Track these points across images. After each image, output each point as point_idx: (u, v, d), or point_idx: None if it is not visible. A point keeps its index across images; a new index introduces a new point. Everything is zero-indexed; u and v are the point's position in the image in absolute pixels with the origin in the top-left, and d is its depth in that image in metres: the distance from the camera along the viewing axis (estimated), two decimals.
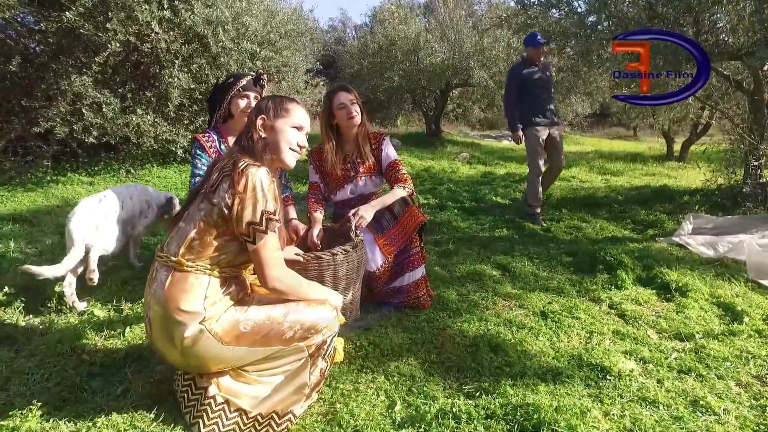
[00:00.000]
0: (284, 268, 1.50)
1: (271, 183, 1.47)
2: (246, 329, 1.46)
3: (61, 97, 4.30)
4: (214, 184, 1.47)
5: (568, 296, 2.80)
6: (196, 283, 1.42)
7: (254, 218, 1.42)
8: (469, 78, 10.66)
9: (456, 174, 7.71)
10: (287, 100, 1.65)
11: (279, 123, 1.60)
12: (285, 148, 1.60)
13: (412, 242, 2.47)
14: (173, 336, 1.40)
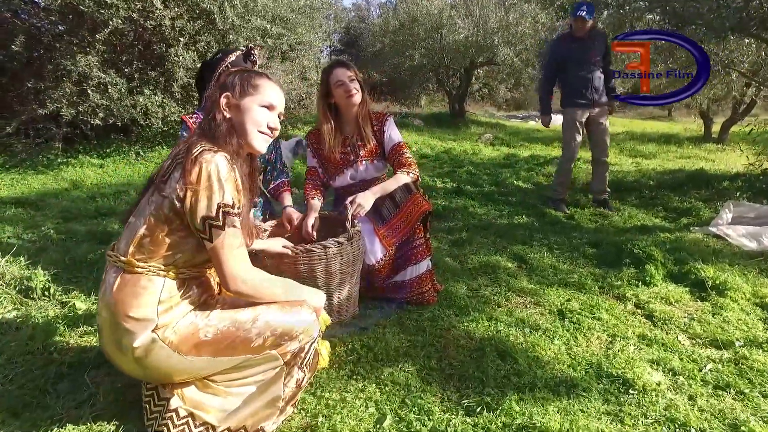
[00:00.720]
0: (249, 268, 1.32)
1: (230, 171, 1.27)
2: (207, 337, 1.29)
3: (67, 78, 4.20)
4: (166, 174, 1.29)
5: (590, 293, 2.55)
6: (148, 286, 1.25)
7: (209, 212, 1.23)
8: (494, 56, 10.21)
9: (477, 156, 7.41)
10: (256, 75, 1.44)
11: (246, 101, 1.40)
12: (252, 130, 1.40)
13: (415, 233, 2.26)
14: (122, 345, 1.23)
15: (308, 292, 1.53)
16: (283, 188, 2.40)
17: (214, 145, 1.31)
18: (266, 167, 2.41)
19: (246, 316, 1.33)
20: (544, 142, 8.93)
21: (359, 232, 2.08)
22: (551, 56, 4.17)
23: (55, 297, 2.22)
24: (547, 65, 4.25)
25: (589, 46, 3.98)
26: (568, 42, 4.06)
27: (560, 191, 4.31)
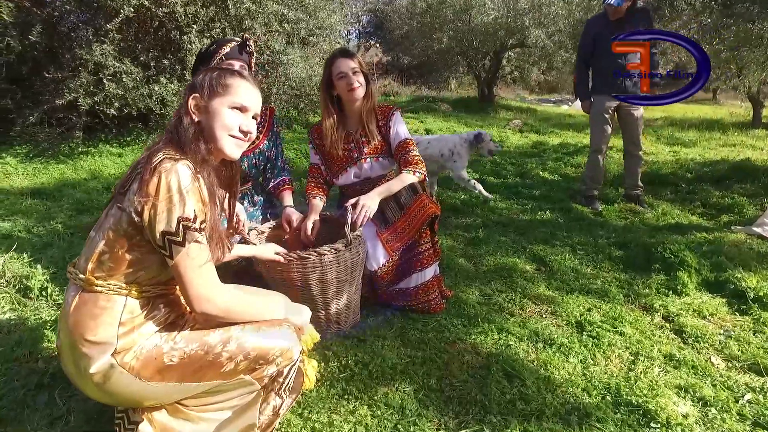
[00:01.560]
0: (216, 287, 1.20)
1: (193, 181, 1.15)
2: (172, 361, 1.18)
3: (83, 68, 4.18)
4: (125, 184, 1.17)
5: (614, 302, 2.35)
6: (107, 306, 1.15)
7: (169, 227, 1.11)
8: (525, 38, 9.75)
9: (504, 143, 7.12)
10: (228, 73, 1.31)
11: (215, 103, 1.26)
12: (222, 135, 1.27)
13: (421, 237, 2.10)
14: (81, 369, 1.14)
15: (291, 308, 1.41)
16: (284, 186, 2.28)
17: (179, 152, 1.19)
18: (266, 165, 2.29)
19: (216, 338, 1.22)
20: (575, 129, 8.53)
21: (360, 237, 1.94)
22: (584, 37, 3.86)
23: (52, 298, 2.18)
24: (580, 46, 3.95)
25: (629, 28, 3.60)
26: (603, 22, 3.72)
27: (590, 186, 4.03)
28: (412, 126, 8.08)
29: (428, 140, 3.94)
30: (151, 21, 4.39)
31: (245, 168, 2.20)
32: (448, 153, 3.80)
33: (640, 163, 3.99)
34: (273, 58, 5.18)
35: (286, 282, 1.84)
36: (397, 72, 18.13)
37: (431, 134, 7.37)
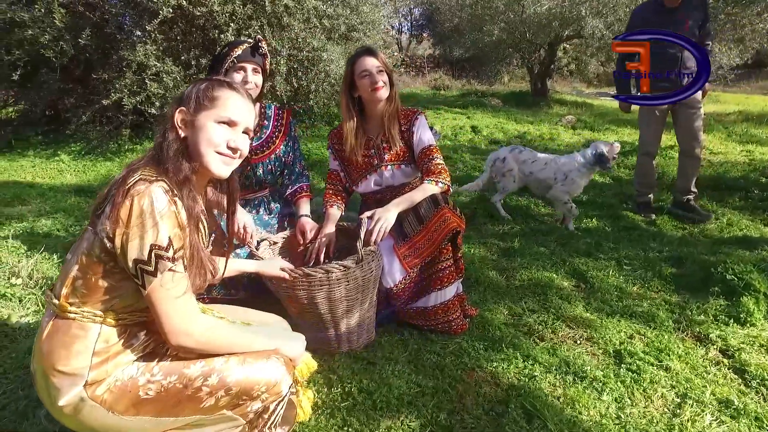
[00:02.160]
0: (194, 319, 1.11)
1: (169, 204, 1.06)
2: (148, 395, 1.10)
3: (127, 68, 4.29)
4: (100, 206, 1.10)
5: (661, 328, 2.09)
6: (80, 334, 1.09)
7: (141, 255, 1.03)
8: (582, 29, 9.20)
9: (554, 141, 6.73)
10: (217, 84, 1.21)
11: (201, 117, 1.17)
12: (207, 152, 1.17)
13: (441, 254, 1.94)
14: (52, 399, 1.09)
15: (282, 337, 1.31)
16: (302, 194, 2.19)
17: (157, 171, 1.11)
18: (283, 170, 2.21)
19: (197, 370, 1.14)
20: (634, 125, 7.92)
21: (374, 252, 1.81)
22: (631, 26, 3.45)
23: None
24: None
25: (683, 17, 3.22)
26: (654, 9, 3.32)
27: (642, 192, 3.67)
28: (458, 122, 7.83)
29: (545, 160, 3.41)
30: (192, 21, 4.44)
31: (260, 174, 2.12)
32: (562, 177, 3.30)
33: (697, 167, 3.56)
34: (312, 55, 5.12)
35: (291, 300, 1.75)
36: (447, 65, 17.78)
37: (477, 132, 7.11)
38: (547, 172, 3.36)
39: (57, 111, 5.41)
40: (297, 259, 2.08)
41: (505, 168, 3.47)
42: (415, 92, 13.16)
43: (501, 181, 3.52)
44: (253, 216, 2.16)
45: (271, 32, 4.63)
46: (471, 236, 3.16)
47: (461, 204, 3.79)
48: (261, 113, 2.15)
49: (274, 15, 4.58)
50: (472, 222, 3.44)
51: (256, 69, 1.96)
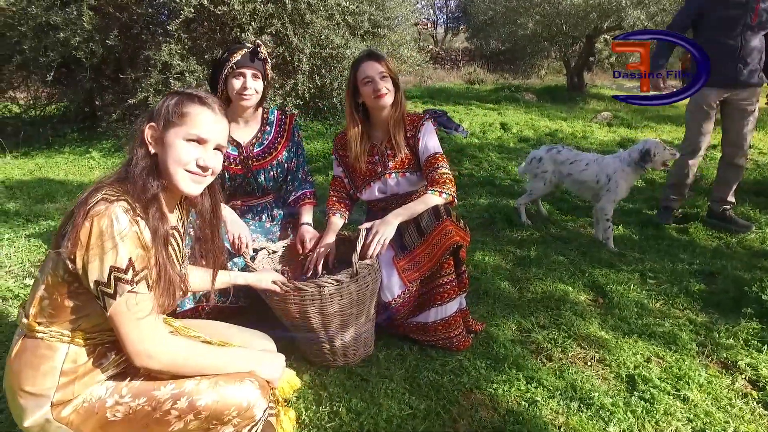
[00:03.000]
0: (159, 341, 1.08)
1: (131, 224, 1.03)
2: (116, 417, 1.09)
3: (152, 67, 4.37)
4: (64, 225, 1.08)
5: (682, 352, 1.94)
6: (47, 354, 1.08)
7: (101, 277, 1.01)
8: (622, 20, 8.78)
9: (587, 140, 6.47)
10: (187, 99, 1.16)
11: (170, 134, 1.14)
12: (177, 171, 1.14)
13: (442, 268, 1.85)
14: (20, 420, 1.09)
15: (257, 359, 1.26)
16: (305, 201, 2.14)
17: (122, 190, 1.08)
18: (287, 176, 2.17)
19: (166, 393, 1.11)
20: (675, 122, 7.55)
21: (371, 265, 1.75)
22: (687, 9, 3.06)
23: None
24: (677, 21, 3.11)
25: (749, 2, 2.86)
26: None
27: (671, 196, 3.38)
28: (488, 119, 7.64)
29: (586, 161, 3.14)
30: (214, 20, 4.47)
31: (262, 181, 2.09)
32: (605, 179, 3.01)
33: (739, 176, 3.25)
34: (336, 52, 5.07)
35: (283, 313, 1.71)
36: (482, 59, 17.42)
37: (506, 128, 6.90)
38: (589, 173, 3.09)
39: (93, 108, 5.58)
40: (298, 267, 2.04)
41: (539, 169, 3.28)
42: (447, 87, 12.95)
43: (531, 183, 3.36)
44: (255, 223, 2.13)
45: (293, 30, 4.60)
46: (487, 242, 3.05)
47: (479, 207, 3.67)
48: (263, 118, 2.12)
49: (297, 12, 4.55)
50: (489, 228, 3.32)
51: (255, 75, 1.92)
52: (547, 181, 3.26)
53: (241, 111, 2.01)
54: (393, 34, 6.06)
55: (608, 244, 2.98)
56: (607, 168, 3.03)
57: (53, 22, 4.27)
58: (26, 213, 3.44)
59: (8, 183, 4.24)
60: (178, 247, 1.25)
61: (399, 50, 6.45)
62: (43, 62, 4.62)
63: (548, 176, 3.25)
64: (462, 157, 5.21)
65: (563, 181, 3.25)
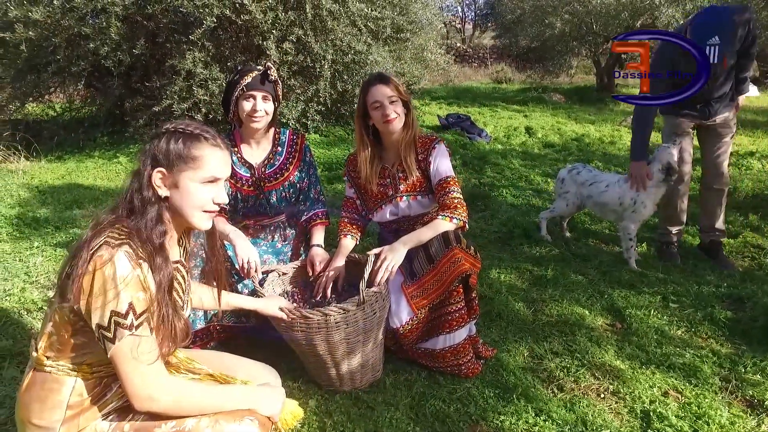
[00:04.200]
0: (159, 383, 1.10)
1: (133, 269, 1.05)
2: None
3: (177, 75, 4.46)
4: (66, 266, 1.10)
5: (704, 387, 1.86)
6: (54, 388, 1.11)
7: (101, 321, 1.03)
8: (655, 19, 8.50)
9: (614, 145, 6.30)
10: (194, 140, 1.17)
11: (184, 179, 1.16)
12: (194, 214, 1.19)
13: (451, 296, 1.83)
14: None
15: (257, 396, 1.26)
16: (316, 221, 2.14)
17: (125, 231, 1.10)
18: (298, 196, 2.18)
19: (167, 429, 1.12)
20: None
21: (379, 293, 1.74)
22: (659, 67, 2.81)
23: None
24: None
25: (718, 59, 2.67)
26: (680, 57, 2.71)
27: (666, 230, 3.08)
28: (513, 122, 7.52)
29: (606, 182, 3.02)
30: (237, 29, 4.53)
31: (274, 201, 2.10)
32: (630, 201, 2.89)
33: (722, 200, 2.98)
34: (358, 58, 5.07)
35: (290, 340, 1.72)
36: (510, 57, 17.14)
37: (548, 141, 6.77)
38: (610, 195, 2.97)
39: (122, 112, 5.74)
40: (308, 288, 2.05)
41: (562, 189, 3.25)
42: (473, 86, 12.82)
43: (555, 201, 3.32)
44: (267, 243, 2.15)
45: (315, 37, 4.62)
46: (504, 259, 3.00)
47: (498, 220, 3.61)
48: (275, 139, 2.13)
49: (318, 19, 4.56)
50: (507, 243, 3.26)
51: (266, 97, 1.93)
52: (570, 202, 3.19)
53: (252, 132, 2.02)
54: (417, 38, 6.01)
55: (630, 263, 2.89)
56: (633, 191, 2.89)
57: (84, 32, 4.40)
58: (55, 220, 3.56)
59: (41, 188, 4.40)
60: (183, 281, 1.26)
61: (423, 54, 6.40)
62: (75, 71, 4.77)
63: (570, 197, 3.18)
64: (484, 165, 5.14)
65: (585, 202, 3.16)
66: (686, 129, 2.92)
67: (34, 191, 4.29)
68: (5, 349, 2.01)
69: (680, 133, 2.91)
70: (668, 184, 2.87)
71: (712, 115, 2.85)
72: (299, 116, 5.18)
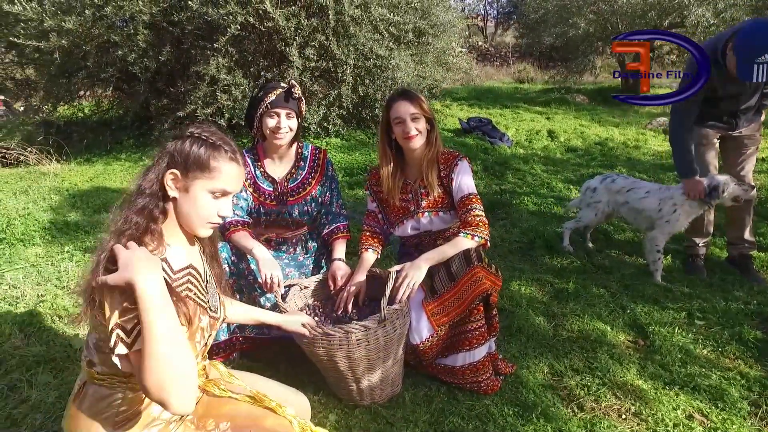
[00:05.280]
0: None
1: None
2: None
3: (201, 81, 4.54)
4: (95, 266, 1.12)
5: (731, 411, 1.82)
6: (104, 399, 1.14)
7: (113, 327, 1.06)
8: (684, 18, 8.29)
9: (640, 150, 6.17)
10: (216, 153, 1.18)
11: (195, 186, 1.17)
12: (198, 222, 1.20)
13: (472, 314, 1.83)
14: None
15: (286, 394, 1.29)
16: (338, 234, 2.16)
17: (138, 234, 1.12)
18: (320, 210, 2.20)
19: None
20: None
21: (400, 310, 1.75)
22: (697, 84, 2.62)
23: None
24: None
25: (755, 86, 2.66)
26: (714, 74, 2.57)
27: (692, 242, 3.01)
28: (535, 125, 7.44)
29: (646, 189, 3.00)
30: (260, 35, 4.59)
31: (296, 215, 2.13)
32: (668, 209, 2.84)
33: (748, 211, 2.90)
34: (379, 63, 5.08)
35: (311, 355, 1.75)
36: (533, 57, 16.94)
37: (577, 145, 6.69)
38: (650, 201, 2.92)
39: (148, 116, 5.88)
40: (330, 302, 2.07)
41: (592, 199, 3.19)
42: (495, 86, 12.70)
43: (582, 211, 3.27)
44: (289, 256, 2.18)
45: (337, 42, 4.65)
46: (524, 270, 2.98)
47: (519, 229, 3.59)
48: (297, 154, 2.16)
49: (341, 25, 4.59)
50: (528, 253, 3.24)
51: (289, 114, 1.96)
52: (600, 211, 3.15)
53: (275, 148, 2.05)
54: (438, 42, 5.99)
55: (655, 277, 2.84)
56: (674, 198, 2.83)
57: (113, 40, 4.52)
58: (85, 224, 3.67)
59: (71, 191, 4.54)
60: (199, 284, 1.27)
61: (444, 57, 6.38)
62: (104, 77, 4.91)
63: (601, 206, 3.14)
64: (505, 171, 5.11)
65: (618, 210, 3.12)
66: (712, 140, 2.85)
67: (64, 194, 4.42)
68: (39, 354, 2.08)
69: (705, 144, 2.85)
70: (706, 207, 2.80)
71: (738, 127, 2.78)
72: (320, 120, 5.22)
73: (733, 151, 2.87)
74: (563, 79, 12.45)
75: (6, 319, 2.27)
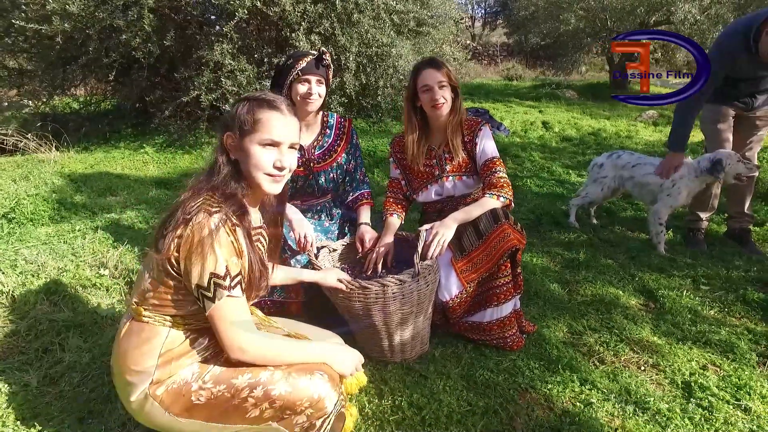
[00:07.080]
0: (249, 337, 1.18)
1: (228, 234, 1.14)
2: (200, 401, 1.19)
3: (205, 66, 4.55)
4: (164, 228, 1.19)
5: (741, 361, 1.93)
6: (151, 337, 1.20)
7: (201, 281, 1.13)
8: (671, 15, 8.51)
9: (632, 140, 6.35)
10: (257, 106, 1.25)
11: (246, 142, 1.24)
12: (257, 175, 1.25)
13: (500, 270, 1.91)
14: (125, 395, 1.22)
15: (334, 353, 1.34)
16: (362, 201, 2.22)
17: (215, 197, 1.18)
18: (345, 178, 2.26)
19: (244, 382, 1.20)
20: None
21: (431, 266, 1.82)
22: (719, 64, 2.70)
23: None
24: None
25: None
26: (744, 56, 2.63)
27: (695, 216, 3.13)
28: (529, 117, 7.57)
29: (652, 164, 3.10)
30: (266, 21, 4.61)
31: (322, 182, 2.18)
32: (669, 183, 2.96)
33: (750, 188, 3.01)
34: (381, 51, 5.14)
35: (346, 310, 1.80)
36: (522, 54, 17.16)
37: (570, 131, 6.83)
38: (654, 176, 3.04)
39: (145, 105, 5.85)
40: (356, 265, 2.13)
41: (599, 175, 3.31)
42: (485, 83, 12.84)
43: (588, 187, 3.37)
44: (315, 222, 2.23)
45: (341, 29, 4.70)
46: (534, 244, 3.07)
47: (524, 208, 3.68)
48: (323, 122, 2.21)
49: (345, 12, 4.64)
50: (536, 229, 3.33)
51: (320, 80, 2.01)
52: (605, 186, 3.27)
53: (304, 115, 2.10)
54: (437, 32, 6.08)
55: (659, 248, 2.96)
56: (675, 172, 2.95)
57: (116, 24, 4.50)
58: (91, 205, 3.66)
59: (73, 176, 4.50)
60: (264, 243, 1.35)
61: (442, 48, 6.47)
62: (105, 63, 4.87)
63: (607, 182, 3.26)
64: (505, 157, 5.20)
65: (624, 184, 3.24)
66: (728, 118, 2.93)
67: (66, 179, 4.39)
68: (68, 320, 2.10)
69: (723, 121, 2.93)
70: (710, 181, 2.89)
71: (754, 107, 2.88)
72: None
73: (744, 130, 2.96)
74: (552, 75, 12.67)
75: (30, 289, 2.28)
